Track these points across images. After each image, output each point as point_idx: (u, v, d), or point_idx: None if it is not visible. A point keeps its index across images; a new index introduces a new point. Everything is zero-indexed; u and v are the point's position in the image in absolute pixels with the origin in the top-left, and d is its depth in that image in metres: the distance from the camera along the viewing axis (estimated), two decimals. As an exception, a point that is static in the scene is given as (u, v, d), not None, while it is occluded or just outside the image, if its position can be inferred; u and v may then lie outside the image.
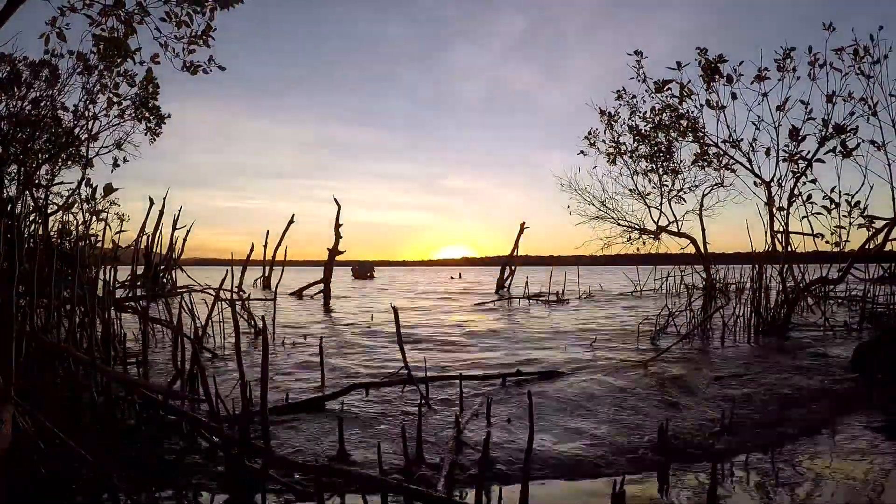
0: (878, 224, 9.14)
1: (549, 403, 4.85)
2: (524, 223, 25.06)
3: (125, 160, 10.21)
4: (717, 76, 10.30)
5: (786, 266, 9.85)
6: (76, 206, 8.98)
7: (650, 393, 5.20)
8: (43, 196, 9.33)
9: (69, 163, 9.92)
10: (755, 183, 10.49)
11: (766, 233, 10.15)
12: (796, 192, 9.74)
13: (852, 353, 6.76)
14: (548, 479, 3.33)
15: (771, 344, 8.25)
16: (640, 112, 12.31)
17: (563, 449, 3.73)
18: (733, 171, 11.53)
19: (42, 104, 8.94)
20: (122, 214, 12.52)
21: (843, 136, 9.27)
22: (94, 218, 9.09)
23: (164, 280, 16.55)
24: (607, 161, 13.21)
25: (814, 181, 9.59)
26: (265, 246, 22.89)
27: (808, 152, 9.69)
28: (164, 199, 19.01)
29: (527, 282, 19.93)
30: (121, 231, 12.33)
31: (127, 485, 3.03)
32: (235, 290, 11.27)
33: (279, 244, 22.79)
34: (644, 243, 14.12)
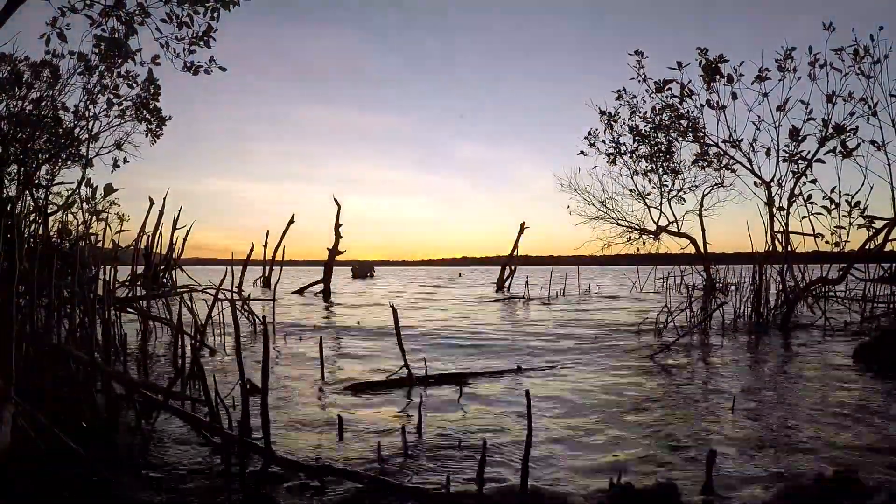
0: (878, 224, 9.16)
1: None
2: (524, 223, 25.10)
3: (125, 161, 10.23)
4: (717, 76, 10.31)
5: (786, 266, 9.86)
6: (76, 205, 8.98)
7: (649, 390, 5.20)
8: (43, 196, 9.34)
9: (69, 163, 9.93)
10: (755, 183, 10.51)
11: (766, 233, 10.17)
12: (796, 192, 9.76)
13: (853, 352, 6.76)
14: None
15: (771, 342, 8.25)
16: (640, 112, 12.34)
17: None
18: (733, 171, 11.56)
19: (43, 104, 8.94)
20: (122, 214, 12.53)
21: (843, 137, 9.29)
22: (94, 218, 9.10)
23: (164, 280, 16.57)
24: (607, 161, 13.24)
25: (814, 181, 9.62)
26: (265, 246, 22.98)
27: (809, 152, 9.71)
28: (164, 198, 19.02)
29: (527, 281, 19.96)
30: (121, 231, 12.34)
31: (126, 484, 3.03)
32: (235, 289, 11.27)
33: (279, 244, 22.85)
34: (644, 243, 14.15)
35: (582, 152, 13.39)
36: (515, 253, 25.11)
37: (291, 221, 22.97)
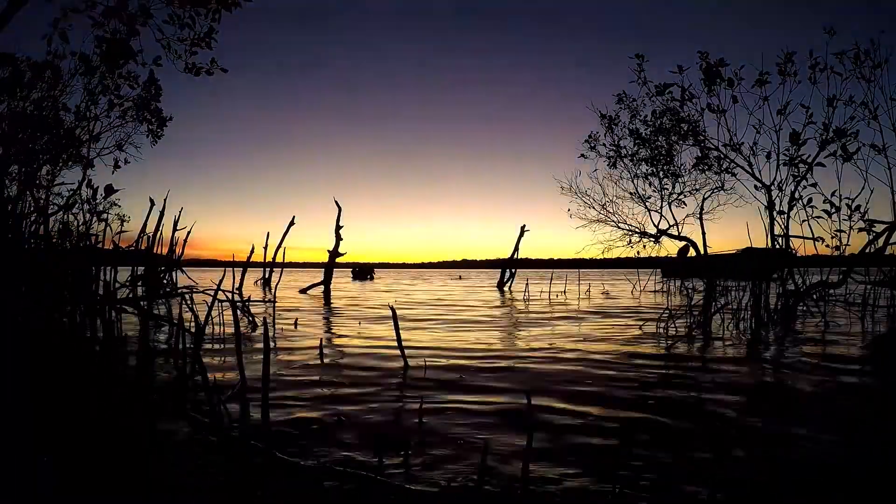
0: (878, 228, 9.17)
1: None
2: (524, 226, 25.13)
3: (126, 161, 10.27)
4: (718, 80, 10.34)
5: (786, 269, 9.86)
6: (77, 206, 8.99)
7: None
8: (44, 196, 9.34)
9: (70, 163, 9.95)
10: (756, 186, 10.52)
11: (766, 236, 10.18)
12: (797, 195, 9.78)
13: (853, 356, 6.77)
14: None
15: (771, 346, 8.25)
16: (640, 116, 12.39)
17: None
18: (734, 174, 11.60)
19: (44, 105, 8.97)
20: (123, 215, 12.55)
21: (843, 140, 9.31)
22: (94, 218, 9.10)
23: (165, 281, 16.59)
24: (608, 164, 13.29)
25: (814, 185, 9.64)
26: (265, 248, 23.01)
27: (809, 156, 9.73)
28: (165, 199, 19.05)
29: (527, 284, 19.99)
30: (121, 231, 12.35)
31: (125, 485, 3.03)
32: (235, 290, 11.29)
33: (279, 245, 22.87)
34: (645, 247, 14.18)
35: (582, 155, 13.45)
36: (515, 256, 25.16)
37: (292, 223, 22.99)
